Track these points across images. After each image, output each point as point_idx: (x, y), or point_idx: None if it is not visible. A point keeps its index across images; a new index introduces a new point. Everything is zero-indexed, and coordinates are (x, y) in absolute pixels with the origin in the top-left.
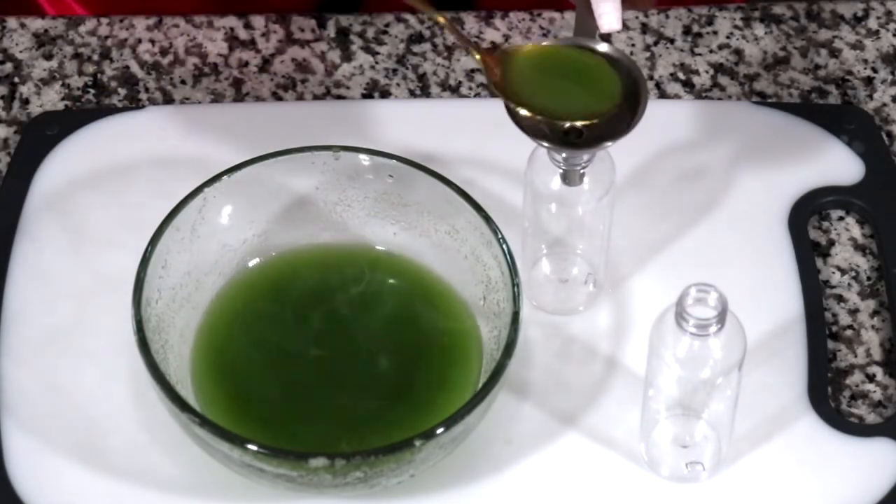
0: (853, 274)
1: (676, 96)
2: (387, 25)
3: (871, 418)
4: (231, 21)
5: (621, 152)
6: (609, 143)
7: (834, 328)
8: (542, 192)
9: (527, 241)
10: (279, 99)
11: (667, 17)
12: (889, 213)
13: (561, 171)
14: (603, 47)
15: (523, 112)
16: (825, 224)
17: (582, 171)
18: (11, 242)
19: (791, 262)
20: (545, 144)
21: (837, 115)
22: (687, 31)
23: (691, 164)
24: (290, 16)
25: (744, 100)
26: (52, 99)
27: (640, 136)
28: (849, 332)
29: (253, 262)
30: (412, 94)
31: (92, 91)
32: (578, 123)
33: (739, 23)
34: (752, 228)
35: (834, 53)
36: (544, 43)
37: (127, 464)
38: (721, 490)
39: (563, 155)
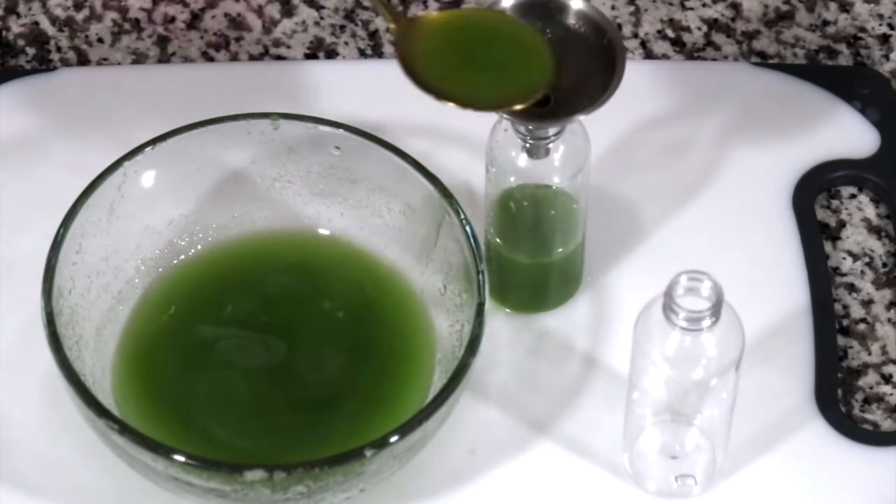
0: (867, 260)
1: (664, 56)
2: None
3: (888, 425)
4: None
5: (599, 120)
6: (580, 115)
7: (845, 322)
8: (505, 168)
9: (489, 227)
10: (210, 60)
11: None
12: None
13: (525, 144)
14: (574, 2)
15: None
16: (835, 203)
17: (548, 146)
18: None
19: (796, 247)
20: (506, 116)
21: (849, 78)
22: None
23: (681, 134)
24: None
25: (742, 60)
26: None
27: (622, 102)
28: (862, 327)
29: (181, 248)
30: (362, 53)
31: None
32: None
33: None
34: (751, 208)
35: (845, 7)
36: (465, 7)
37: (36, 479)
38: None
39: (529, 126)
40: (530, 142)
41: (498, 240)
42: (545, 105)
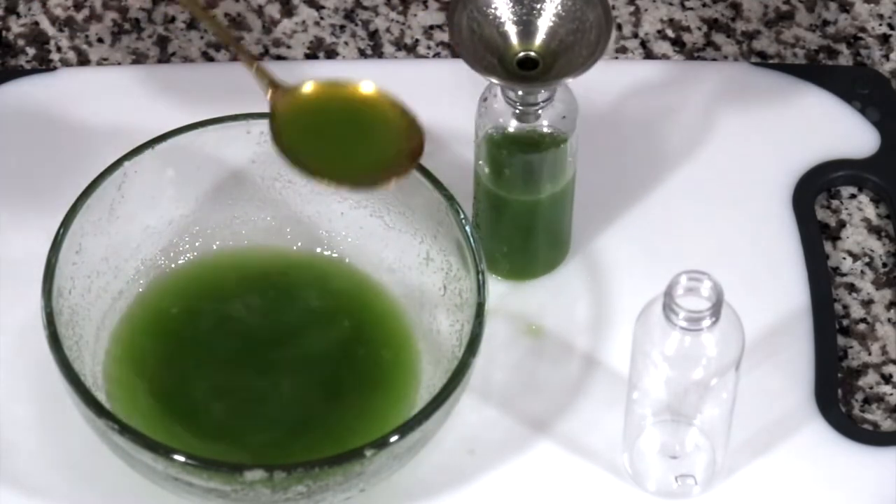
0: (867, 260)
1: (665, 56)
2: None
3: (888, 425)
4: None
5: (598, 117)
6: (569, 78)
7: (845, 322)
8: (495, 139)
9: (479, 203)
10: (210, 59)
11: None
12: None
13: (515, 110)
14: None
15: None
16: (835, 203)
17: (538, 111)
18: None
19: (796, 247)
20: (496, 81)
21: (849, 78)
22: None
23: (681, 134)
24: None
25: (742, 60)
26: None
27: (623, 101)
28: (862, 327)
29: (181, 248)
30: (362, 53)
31: None
32: (534, 54)
33: None
34: (751, 208)
35: (845, 7)
36: (337, 82)
37: (36, 479)
38: None
39: (518, 92)
40: (520, 108)
41: (487, 171)
42: (534, 68)
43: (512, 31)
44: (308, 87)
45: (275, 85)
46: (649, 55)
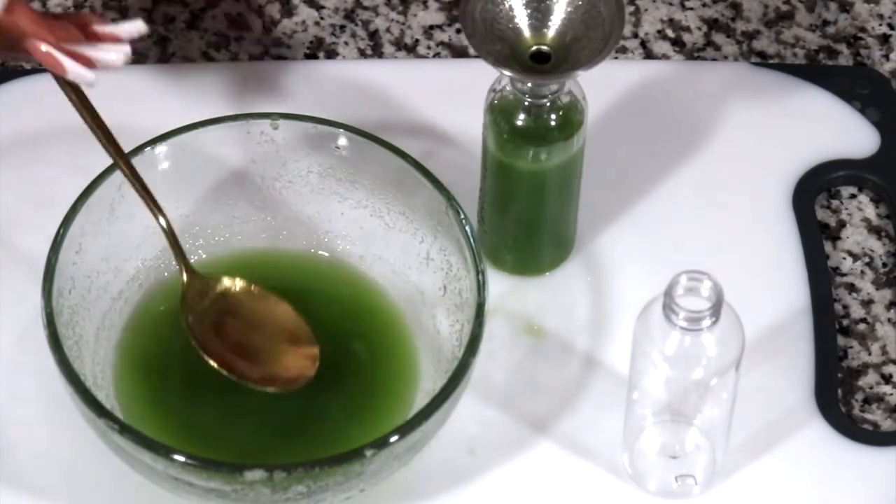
0: (867, 260)
1: (665, 56)
2: None
3: (888, 425)
4: None
5: (598, 117)
6: (579, 71)
7: (845, 322)
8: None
9: (485, 197)
10: (210, 59)
11: None
12: None
13: (525, 102)
14: None
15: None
16: (835, 203)
17: (548, 104)
18: None
19: (796, 247)
20: (507, 73)
21: (849, 78)
22: None
23: (681, 133)
24: None
25: (742, 60)
26: None
27: (623, 101)
28: (862, 327)
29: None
30: (362, 53)
31: None
32: (545, 47)
33: None
34: (751, 208)
35: (845, 7)
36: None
37: (36, 479)
38: None
39: (529, 85)
40: (529, 100)
41: (495, 154)
42: (546, 62)
43: (525, 24)
44: (221, 280)
45: (190, 271)
46: (649, 55)
